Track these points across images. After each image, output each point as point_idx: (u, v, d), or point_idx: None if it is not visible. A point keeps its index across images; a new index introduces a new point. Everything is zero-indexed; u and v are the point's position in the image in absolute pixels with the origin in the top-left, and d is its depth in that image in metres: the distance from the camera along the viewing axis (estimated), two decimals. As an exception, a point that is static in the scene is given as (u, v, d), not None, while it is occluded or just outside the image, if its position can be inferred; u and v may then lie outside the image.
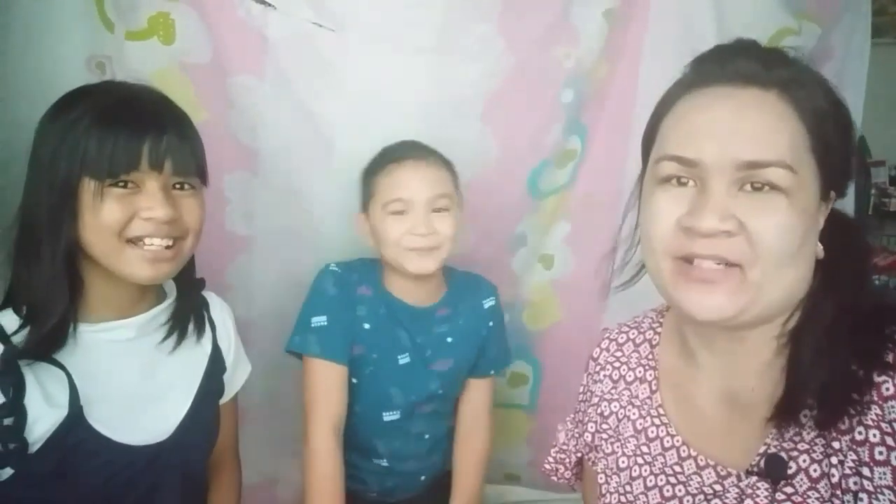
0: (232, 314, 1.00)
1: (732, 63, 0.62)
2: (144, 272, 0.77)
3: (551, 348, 1.47)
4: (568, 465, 0.87)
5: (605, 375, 0.80)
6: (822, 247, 0.63)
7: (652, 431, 0.72)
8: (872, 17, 1.41)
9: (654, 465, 0.71)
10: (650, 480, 0.71)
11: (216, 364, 0.94)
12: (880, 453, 0.56)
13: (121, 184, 0.75)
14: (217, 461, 1.01)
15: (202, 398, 0.89)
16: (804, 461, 0.60)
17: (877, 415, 0.57)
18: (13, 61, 1.04)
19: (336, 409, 1.08)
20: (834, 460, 0.59)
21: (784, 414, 0.61)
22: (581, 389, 0.85)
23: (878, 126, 1.80)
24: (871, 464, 0.56)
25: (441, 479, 1.25)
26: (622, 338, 0.81)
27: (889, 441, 0.56)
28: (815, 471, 0.60)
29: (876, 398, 0.57)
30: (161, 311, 0.87)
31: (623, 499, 0.73)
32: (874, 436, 0.57)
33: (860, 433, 0.58)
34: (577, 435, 0.85)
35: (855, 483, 0.57)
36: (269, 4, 1.13)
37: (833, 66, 1.38)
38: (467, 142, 1.26)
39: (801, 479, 0.60)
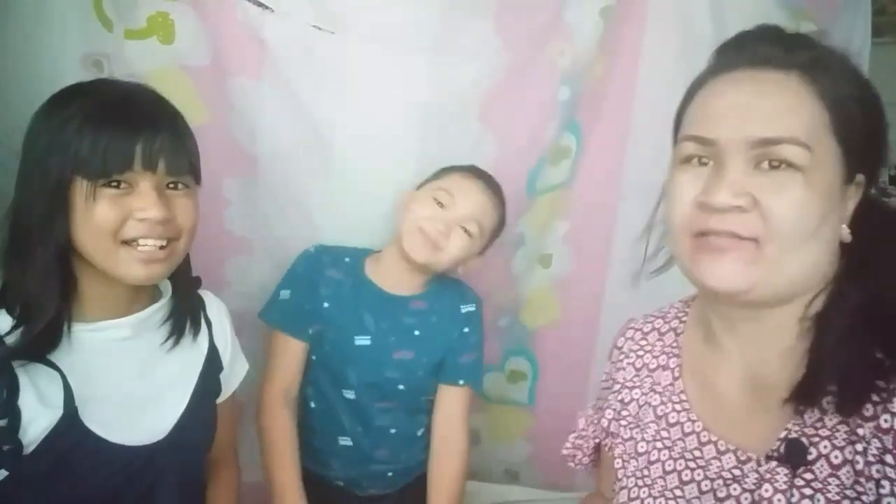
0: (228, 313, 0.99)
1: (753, 47, 0.63)
2: (138, 273, 0.76)
3: (550, 346, 1.46)
4: (586, 450, 0.87)
5: (628, 363, 0.80)
6: (848, 231, 0.62)
7: (672, 417, 0.72)
8: (872, 16, 1.40)
9: (674, 450, 0.71)
10: (668, 465, 0.71)
11: (213, 363, 0.93)
12: None
13: (114, 184, 0.74)
14: (215, 460, 1.00)
15: (199, 397, 0.88)
16: (825, 447, 0.59)
17: None
18: (8, 60, 1.03)
19: (288, 377, 1.15)
20: (858, 447, 0.58)
21: (802, 397, 0.60)
22: (604, 377, 0.85)
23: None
24: None
25: (416, 482, 1.23)
26: (647, 327, 0.81)
27: None
28: (836, 457, 0.59)
29: None
30: (156, 310, 0.85)
31: (640, 482, 0.73)
32: None
33: (886, 421, 0.56)
34: (596, 421, 0.85)
35: (878, 471, 0.56)
36: (267, 7, 1.12)
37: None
38: (466, 141, 1.25)
39: (822, 466, 0.59)
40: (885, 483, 0.55)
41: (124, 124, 0.73)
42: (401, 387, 1.17)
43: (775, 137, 0.58)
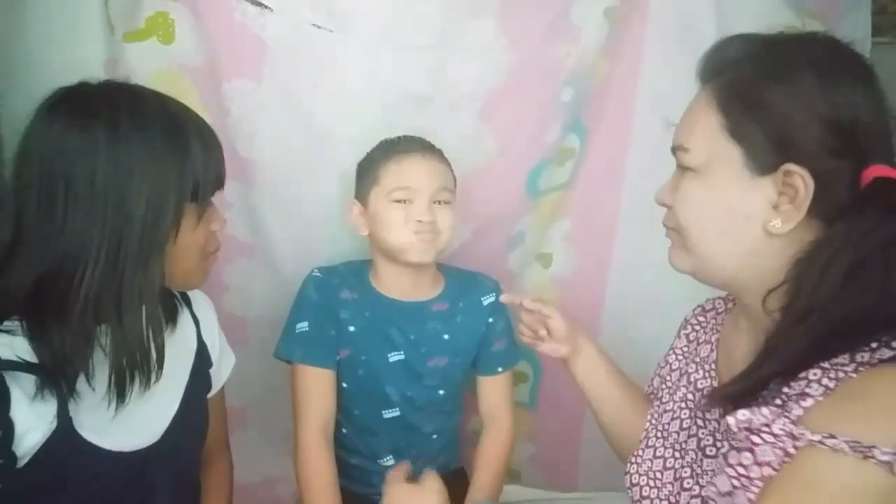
0: (214, 308, 0.97)
1: (699, 66, 0.70)
2: (203, 280, 0.82)
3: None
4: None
5: (684, 334, 0.88)
6: (779, 223, 0.61)
7: (701, 383, 0.78)
8: (872, 16, 1.39)
9: (693, 411, 0.77)
10: (686, 422, 0.77)
11: (202, 360, 0.91)
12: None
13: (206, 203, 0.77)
14: (208, 455, 0.98)
15: (191, 396, 0.87)
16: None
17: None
18: (30, 67, 1.00)
19: (323, 412, 1.08)
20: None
21: (708, 399, 0.71)
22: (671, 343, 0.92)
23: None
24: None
25: (449, 476, 1.21)
26: (709, 305, 0.88)
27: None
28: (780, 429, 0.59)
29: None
30: None
31: (659, 433, 0.80)
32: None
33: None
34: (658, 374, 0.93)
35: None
36: (266, 6, 1.10)
37: (835, 64, 1.37)
38: (466, 140, 1.23)
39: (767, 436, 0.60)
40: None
41: (217, 145, 0.78)
42: (441, 392, 1.15)
43: (673, 146, 0.69)
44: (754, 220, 0.63)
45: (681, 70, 1.27)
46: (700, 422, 0.75)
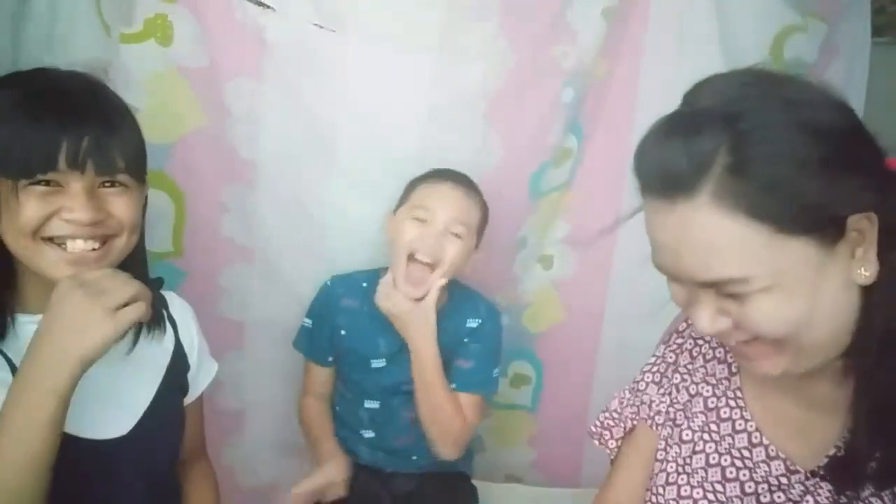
0: (193, 313, 0.93)
1: (659, 167, 0.56)
2: (65, 273, 0.69)
3: (553, 349, 1.42)
4: (615, 433, 0.83)
5: (686, 349, 0.78)
6: (866, 273, 0.56)
7: (725, 412, 0.71)
8: (872, 16, 1.39)
9: (721, 445, 0.69)
10: (713, 458, 0.69)
11: (179, 361, 0.88)
12: None
13: (41, 182, 0.68)
14: (188, 462, 0.95)
15: (164, 394, 0.83)
16: (872, 468, 0.56)
17: None
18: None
19: (318, 389, 1.24)
20: None
21: (838, 481, 0.59)
22: (653, 360, 0.82)
23: (877, 125, 1.79)
24: None
25: (440, 476, 1.21)
26: None
27: None
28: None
29: None
30: None
31: (681, 469, 0.72)
32: None
33: None
34: (632, 403, 0.81)
35: None
36: (268, 6, 1.09)
37: (839, 63, 1.33)
38: (471, 142, 1.22)
39: (867, 486, 0.56)
40: None
41: (48, 120, 0.67)
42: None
43: (711, 280, 0.55)
44: (846, 284, 0.56)
45: (682, 70, 1.30)
46: (738, 462, 0.68)
